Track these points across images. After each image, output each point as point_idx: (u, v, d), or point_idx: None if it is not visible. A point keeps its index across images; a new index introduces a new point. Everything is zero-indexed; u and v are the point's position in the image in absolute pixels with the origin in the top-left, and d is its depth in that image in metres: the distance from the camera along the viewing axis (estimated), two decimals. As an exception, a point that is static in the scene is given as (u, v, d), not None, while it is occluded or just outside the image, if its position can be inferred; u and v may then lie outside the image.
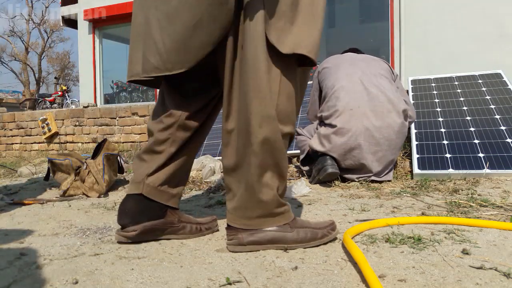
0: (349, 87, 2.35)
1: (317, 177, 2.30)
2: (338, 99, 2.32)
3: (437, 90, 3.17)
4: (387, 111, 2.28)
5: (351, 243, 1.08)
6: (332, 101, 2.35)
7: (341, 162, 2.30)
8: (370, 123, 2.24)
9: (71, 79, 31.01)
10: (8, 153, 5.56)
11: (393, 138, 2.27)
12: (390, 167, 2.35)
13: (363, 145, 2.23)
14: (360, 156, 2.25)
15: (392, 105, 2.29)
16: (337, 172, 2.25)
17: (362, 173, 2.30)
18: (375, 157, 2.26)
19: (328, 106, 2.36)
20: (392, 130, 2.26)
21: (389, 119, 2.26)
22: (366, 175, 2.30)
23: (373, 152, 2.25)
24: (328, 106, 2.36)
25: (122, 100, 9.45)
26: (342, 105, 2.29)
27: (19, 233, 1.49)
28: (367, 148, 2.24)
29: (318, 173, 2.29)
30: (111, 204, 2.00)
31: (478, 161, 2.30)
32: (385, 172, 2.33)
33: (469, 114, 2.77)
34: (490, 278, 0.91)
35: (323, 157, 2.30)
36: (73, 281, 0.98)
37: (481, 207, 1.61)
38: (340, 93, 2.34)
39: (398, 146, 2.34)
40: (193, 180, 2.61)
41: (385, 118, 2.26)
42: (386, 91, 2.33)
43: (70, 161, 2.29)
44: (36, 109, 12.77)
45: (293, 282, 0.94)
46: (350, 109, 2.27)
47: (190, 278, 0.99)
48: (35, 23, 27.97)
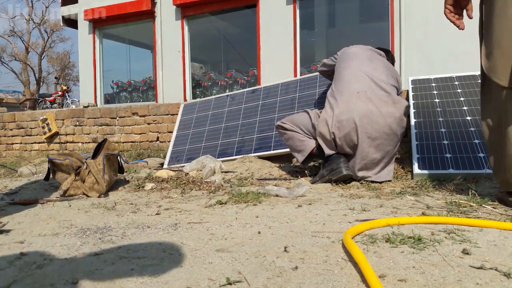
0: (359, 75, 2.45)
1: (327, 177, 2.30)
2: (347, 82, 2.42)
3: (437, 90, 3.17)
4: (392, 101, 2.35)
5: (351, 243, 1.08)
6: (341, 83, 2.45)
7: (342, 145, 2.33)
8: (374, 107, 2.30)
9: (71, 79, 31.03)
10: (8, 153, 5.56)
11: (394, 127, 2.30)
12: (388, 163, 2.35)
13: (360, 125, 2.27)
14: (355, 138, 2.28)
15: (395, 98, 2.37)
16: (351, 175, 2.27)
17: (359, 160, 2.30)
18: (373, 143, 2.28)
19: (337, 89, 2.45)
20: (394, 119, 2.31)
21: (392, 108, 2.33)
22: (366, 174, 2.30)
23: (371, 138, 2.27)
24: (337, 89, 2.45)
25: (122, 100, 9.45)
26: (351, 87, 2.39)
27: (19, 233, 1.49)
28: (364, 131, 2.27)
29: (329, 173, 2.29)
30: (111, 204, 2.00)
31: (478, 161, 2.30)
32: (384, 167, 2.32)
33: (469, 114, 2.77)
34: (490, 278, 0.91)
35: (337, 158, 2.31)
36: (73, 281, 0.98)
37: (481, 207, 1.61)
38: (350, 78, 2.44)
39: (397, 138, 2.36)
40: (193, 180, 2.61)
41: (389, 106, 2.32)
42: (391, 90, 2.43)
43: (71, 161, 2.29)
44: (36, 109, 12.77)
45: (293, 282, 0.94)
46: (357, 92, 2.35)
47: (190, 278, 0.99)
48: (35, 23, 27.98)
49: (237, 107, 3.59)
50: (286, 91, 3.44)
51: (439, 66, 5.67)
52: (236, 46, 8.84)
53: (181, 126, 3.78)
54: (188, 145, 3.47)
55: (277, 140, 3.05)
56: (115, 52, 9.86)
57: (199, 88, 8.41)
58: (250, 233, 1.38)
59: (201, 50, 9.01)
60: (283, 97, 3.40)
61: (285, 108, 3.30)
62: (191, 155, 3.31)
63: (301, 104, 3.23)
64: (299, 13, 7.04)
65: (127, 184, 2.60)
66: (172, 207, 1.89)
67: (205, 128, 3.56)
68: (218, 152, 3.21)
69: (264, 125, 3.25)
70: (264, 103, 3.47)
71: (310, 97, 3.25)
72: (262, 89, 3.64)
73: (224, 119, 3.54)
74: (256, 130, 3.24)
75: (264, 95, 3.55)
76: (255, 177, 2.68)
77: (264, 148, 3.04)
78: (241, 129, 3.32)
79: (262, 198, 1.99)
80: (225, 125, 3.47)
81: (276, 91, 3.51)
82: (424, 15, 6.11)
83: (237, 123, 3.41)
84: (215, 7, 7.90)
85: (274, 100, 3.42)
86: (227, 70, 8.53)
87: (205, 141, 3.41)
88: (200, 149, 3.35)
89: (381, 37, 6.56)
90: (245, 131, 3.28)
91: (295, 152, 2.55)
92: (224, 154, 3.16)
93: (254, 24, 7.43)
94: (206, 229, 1.46)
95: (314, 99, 3.21)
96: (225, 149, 3.21)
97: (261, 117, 3.34)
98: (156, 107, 4.55)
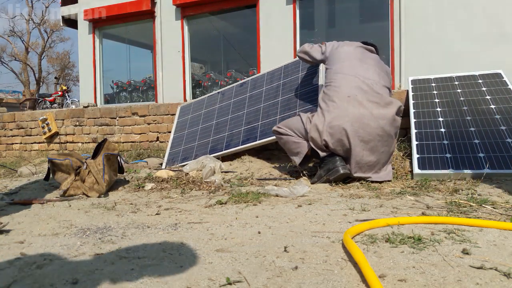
0: (350, 79, 2.43)
1: (325, 177, 2.31)
2: (338, 87, 2.40)
3: (437, 90, 3.17)
4: (384, 103, 2.35)
5: (351, 243, 1.08)
6: (332, 88, 2.43)
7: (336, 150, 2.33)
8: (366, 110, 2.30)
9: (71, 79, 31.00)
10: (8, 153, 5.56)
11: (387, 129, 2.31)
12: (386, 163, 2.35)
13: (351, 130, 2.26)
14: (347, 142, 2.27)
15: (386, 100, 2.37)
16: (348, 173, 2.28)
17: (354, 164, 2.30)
18: (367, 146, 2.28)
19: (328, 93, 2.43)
20: (387, 121, 2.31)
21: (384, 109, 2.33)
22: (365, 175, 2.30)
23: (364, 141, 2.27)
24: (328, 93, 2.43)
25: (122, 100, 9.44)
26: (342, 91, 2.38)
27: (19, 233, 1.49)
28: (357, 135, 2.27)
29: (327, 173, 2.30)
30: (111, 204, 2.00)
31: (478, 161, 2.30)
32: (381, 168, 2.33)
33: (469, 114, 2.77)
34: (490, 278, 0.91)
35: (333, 158, 2.32)
36: (73, 281, 0.98)
37: (481, 207, 1.61)
38: (341, 82, 2.42)
39: (392, 139, 2.36)
40: (193, 180, 2.61)
41: (380, 108, 2.33)
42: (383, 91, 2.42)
43: (70, 161, 2.29)
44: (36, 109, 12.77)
45: (293, 282, 0.94)
46: (347, 96, 2.35)
47: (190, 278, 0.99)
48: (35, 23, 27.95)
49: (227, 102, 3.58)
50: (271, 80, 3.41)
51: (439, 66, 5.67)
52: (236, 46, 8.84)
53: (177, 128, 3.79)
54: (183, 145, 3.47)
55: (262, 130, 2.99)
56: (115, 52, 9.85)
57: (199, 88, 8.41)
58: (250, 233, 1.38)
59: (201, 50, 9.00)
60: (268, 86, 3.38)
61: (270, 96, 3.26)
62: (186, 155, 3.31)
63: (285, 91, 3.18)
64: (299, 13, 7.04)
65: (127, 184, 2.60)
66: (172, 207, 1.89)
67: (198, 127, 3.56)
68: (209, 148, 3.20)
69: (250, 117, 3.22)
70: (251, 94, 3.45)
71: (294, 82, 3.20)
72: (250, 81, 3.62)
73: (215, 116, 3.54)
74: (244, 122, 3.21)
75: (251, 87, 3.53)
76: (255, 177, 2.68)
77: (251, 139, 3.00)
78: (230, 123, 3.31)
79: (262, 198, 1.99)
80: (216, 121, 3.46)
81: (262, 81, 3.49)
82: (424, 15, 6.11)
83: (227, 118, 3.39)
84: (215, 7, 7.90)
85: (260, 91, 3.40)
86: (227, 70, 8.53)
87: (198, 139, 3.41)
88: (194, 148, 3.35)
89: (381, 37, 6.56)
90: (233, 125, 3.26)
91: (292, 156, 2.56)
92: (214, 150, 3.14)
93: (254, 24, 7.43)
94: (206, 229, 1.46)
95: (297, 84, 3.16)
96: (215, 145, 3.20)
97: (248, 109, 3.31)
98: (156, 107, 4.55)
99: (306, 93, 3.01)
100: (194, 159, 3.11)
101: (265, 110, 3.17)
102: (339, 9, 7.62)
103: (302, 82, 3.13)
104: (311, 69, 3.14)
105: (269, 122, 3.01)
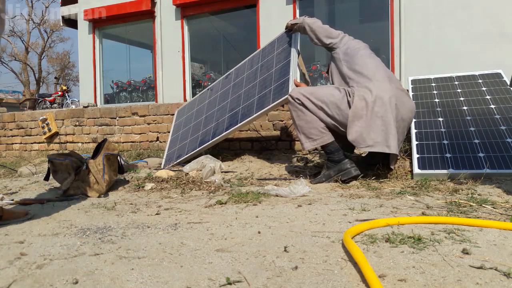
0: (381, 66, 2.48)
1: (335, 177, 2.33)
2: (375, 67, 2.42)
3: (437, 90, 3.17)
4: (407, 94, 2.45)
5: (351, 243, 1.08)
6: (368, 68, 2.40)
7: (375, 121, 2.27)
8: (403, 93, 2.39)
9: (71, 79, 31.01)
10: (8, 153, 5.56)
11: (411, 117, 2.41)
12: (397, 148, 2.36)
13: (394, 104, 2.27)
14: (388, 125, 2.24)
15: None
16: (360, 174, 2.34)
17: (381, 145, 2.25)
18: (401, 125, 2.32)
19: (363, 72, 2.38)
20: (413, 109, 2.43)
21: (411, 103, 2.43)
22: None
23: (401, 119, 2.31)
24: (363, 72, 2.38)
25: (122, 100, 9.45)
26: (379, 73, 2.40)
27: (19, 233, 1.49)
28: (397, 112, 2.28)
29: (337, 173, 2.33)
30: (111, 204, 2.00)
31: (478, 161, 2.30)
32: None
33: (469, 114, 2.77)
34: (490, 278, 0.91)
35: (343, 157, 2.34)
36: (73, 281, 0.98)
37: (481, 207, 1.61)
38: (375, 64, 2.44)
39: (405, 133, 2.41)
40: (193, 180, 2.61)
41: (409, 101, 2.42)
42: None
43: (70, 161, 2.29)
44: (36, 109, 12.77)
45: (293, 282, 0.94)
46: (387, 76, 2.41)
47: (190, 278, 0.99)
48: (35, 23, 27.95)
49: (215, 96, 3.59)
50: (251, 65, 3.39)
51: (439, 66, 5.67)
52: (236, 46, 8.85)
53: (174, 130, 3.82)
54: (178, 144, 3.49)
55: (243, 113, 2.93)
56: (115, 52, 9.86)
57: (199, 88, 8.41)
58: (250, 233, 1.38)
59: (201, 50, 9.01)
60: (249, 71, 3.36)
61: (251, 80, 3.23)
62: (180, 153, 3.33)
63: (263, 71, 3.13)
64: (299, 13, 7.04)
65: (127, 184, 2.60)
66: (172, 207, 1.89)
67: (191, 125, 3.57)
68: (199, 142, 3.19)
69: (233, 103, 3.19)
70: (235, 83, 3.44)
71: (270, 61, 3.16)
72: (233, 71, 3.62)
73: (204, 111, 3.55)
74: (227, 110, 3.20)
75: (235, 76, 3.52)
76: (255, 177, 2.68)
77: (233, 124, 2.95)
78: (217, 114, 3.30)
79: (262, 198, 1.99)
80: (205, 116, 3.47)
81: (244, 68, 3.47)
82: (424, 15, 6.12)
83: (214, 110, 3.39)
84: (215, 7, 7.91)
85: (242, 78, 3.38)
86: (227, 70, 8.54)
87: (190, 136, 3.42)
88: (186, 145, 3.36)
89: (381, 37, 6.56)
90: (220, 115, 3.25)
91: (305, 137, 2.38)
92: (203, 142, 3.13)
93: (254, 24, 7.43)
94: (206, 229, 1.46)
95: (273, 63, 3.09)
96: (204, 137, 3.19)
97: (231, 97, 3.30)
98: (156, 107, 4.55)
99: (279, 68, 2.94)
100: (186, 155, 3.12)
101: (246, 93, 3.14)
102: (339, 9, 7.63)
103: (276, 59, 3.09)
104: (284, 45, 3.09)
105: (249, 103, 2.98)
